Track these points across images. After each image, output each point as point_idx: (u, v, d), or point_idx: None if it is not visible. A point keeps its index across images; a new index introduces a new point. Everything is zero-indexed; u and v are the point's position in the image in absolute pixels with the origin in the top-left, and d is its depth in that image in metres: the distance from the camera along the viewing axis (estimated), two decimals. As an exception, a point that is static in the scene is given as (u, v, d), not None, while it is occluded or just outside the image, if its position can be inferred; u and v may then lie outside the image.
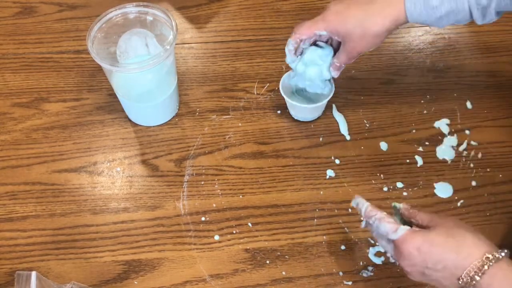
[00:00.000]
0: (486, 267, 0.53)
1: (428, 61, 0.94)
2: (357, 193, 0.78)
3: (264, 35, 0.97)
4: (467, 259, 0.54)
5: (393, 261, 0.72)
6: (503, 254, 0.54)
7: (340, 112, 0.87)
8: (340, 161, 0.82)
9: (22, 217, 0.77)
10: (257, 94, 0.90)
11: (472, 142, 0.84)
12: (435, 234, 0.56)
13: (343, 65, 0.76)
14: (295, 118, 0.86)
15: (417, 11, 0.67)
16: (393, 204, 0.64)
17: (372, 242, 0.74)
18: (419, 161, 0.82)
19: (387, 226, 0.59)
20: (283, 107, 0.83)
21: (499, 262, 0.53)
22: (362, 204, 0.64)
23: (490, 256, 0.53)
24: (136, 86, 0.82)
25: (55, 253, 0.74)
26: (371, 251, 0.74)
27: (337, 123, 0.86)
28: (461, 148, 0.83)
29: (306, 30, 0.73)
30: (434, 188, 0.79)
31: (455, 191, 0.79)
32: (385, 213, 0.61)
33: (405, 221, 0.63)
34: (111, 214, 0.77)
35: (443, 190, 0.79)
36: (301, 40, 0.74)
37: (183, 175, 0.81)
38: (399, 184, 0.80)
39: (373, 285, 0.71)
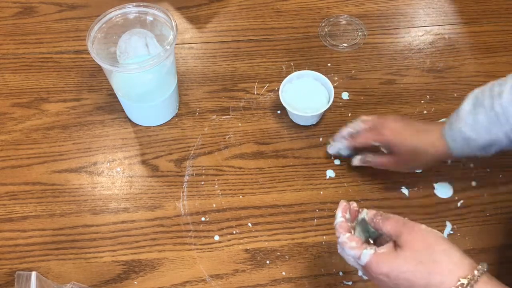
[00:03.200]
0: None
1: (428, 61, 0.94)
2: (357, 194, 0.79)
3: (264, 35, 0.97)
4: (440, 287, 0.50)
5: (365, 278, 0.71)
6: (478, 274, 0.50)
7: (340, 112, 0.87)
8: (340, 161, 0.82)
9: (22, 217, 0.77)
10: (257, 94, 0.90)
11: (472, 142, 0.84)
12: (403, 260, 0.52)
13: (372, 164, 0.77)
14: (295, 122, 0.86)
15: (458, 146, 0.68)
16: (360, 217, 0.59)
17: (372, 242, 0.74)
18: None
19: (350, 252, 0.55)
20: (283, 107, 0.83)
21: (478, 283, 0.49)
22: (336, 218, 0.59)
23: (465, 281, 0.49)
24: (136, 86, 0.82)
25: (55, 253, 0.74)
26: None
27: (337, 123, 0.86)
28: (461, 148, 0.83)
29: (361, 139, 0.75)
30: (434, 188, 0.79)
31: (455, 191, 0.79)
32: (348, 234, 0.56)
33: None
34: (111, 214, 0.77)
35: (443, 190, 0.79)
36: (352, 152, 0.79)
37: (183, 175, 0.81)
38: (399, 184, 0.80)
39: (373, 285, 0.71)
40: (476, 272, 0.50)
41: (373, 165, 0.77)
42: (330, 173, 0.81)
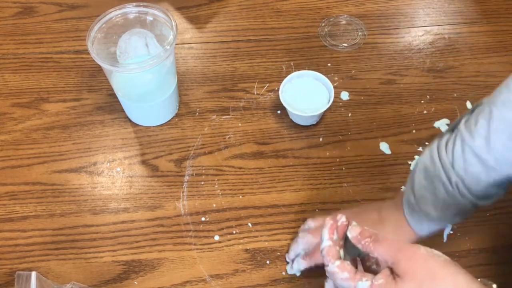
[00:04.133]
0: None
1: (428, 61, 0.94)
2: (357, 194, 0.79)
3: (264, 35, 0.97)
4: None
5: None
6: None
7: (340, 112, 0.87)
8: (340, 161, 0.82)
9: (22, 217, 0.77)
10: (257, 94, 0.90)
11: (472, 142, 0.84)
12: None
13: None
14: (295, 122, 0.86)
15: (423, 228, 0.63)
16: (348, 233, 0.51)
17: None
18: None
19: (343, 284, 0.48)
20: (283, 107, 0.83)
21: None
22: (322, 241, 0.50)
23: None
24: (136, 86, 0.82)
25: (55, 253, 0.74)
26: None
27: (337, 123, 0.86)
28: (461, 148, 0.83)
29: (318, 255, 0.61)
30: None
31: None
32: (338, 262, 0.48)
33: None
34: (111, 214, 0.77)
35: None
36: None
37: (183, 175, 0.81)
38: (399, 185, 0.80)
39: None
40: None
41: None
42: (330, 173, 0.81)
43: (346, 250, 0.51)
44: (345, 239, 0.51)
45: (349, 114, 0.87)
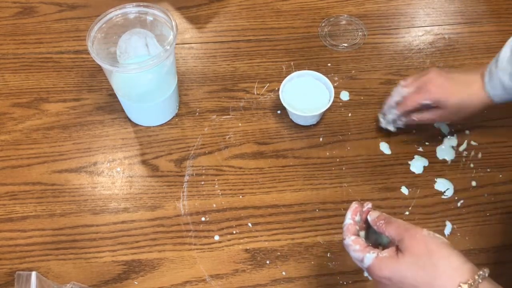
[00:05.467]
0: None
1: (428, 61, 0.94)
2: (357, 194, 0.79)
3: (264, 35, 0.97)
4: None
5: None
6: (479, 279, 0.49)
7: (340, 112, 0.87)
8: (340, 161, 0.82)
9: (22, 217, 0.77)
10: (257, 94, 0.90)
11: (472, 142, 0.84)
12: (404, 265, 0.52)
13: (418, 121, 0.79)
14: (295, 122, 0.86)
15: (498, 94, 0.72)
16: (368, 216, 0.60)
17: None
18: (419, 161, 0.82)
19: (354, 254, 0.56)
20: (283, 107, 0.83)
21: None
22: (345, 219, 0.59)
23: (465, 287, 0.49)
24: (136, 86, 0.82)
25: (55, 253, 0.74)
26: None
27: (337, 123, 0.86)
28: (461, 148, 0.83)
29: (411, 102, 0.77)
30: (434, 188, 0.79)
31: (455, 191, 0.79)
32: (353, 237, 0.57)
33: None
34: (111, 214, 0.77)
35: (443, 185, 0.80)
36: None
37: (183, 175, 0.81)
38: (399, 185, 0.80)
39: (373, 285, 0.71)
40: (476, 277, 0.50)
41: (419, 121, 0.78)
42: (330, 173, 0.81)
43: (368, 235, 0.60)
44: (369, 226, 0.59)
45: (349, 114, 0.87)
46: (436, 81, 0.75)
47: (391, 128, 0.82)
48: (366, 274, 0.64)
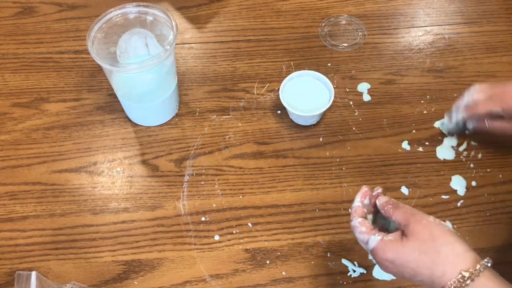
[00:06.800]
0: (464, 285, 0.50)
1: (428, 61, 0.94)
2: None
3: (264, 35, 0.97)
4: (442, 278, 0.51)
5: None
6: (481, 268, 0.50)
7: (340, 112, 0.87)
8: (340, 161, 0.82)
9: (22, 217, 0.77)
10: (257, 94, 0.90)
11: (472, 142, 0.84)
12: (408, 249, 0.53)
13: (489, 129, 0.77)
14: (295, 122, 0.86)
15: None
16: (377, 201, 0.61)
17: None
18: (420, 161, 0.82)
19: (359, 236, 0.58)
20: (283, 107, 0.83)
21: (479, 277, 0.50)
22: (354, 202, 0.61)
23: (466, 274, 0.50)
24: (136, 86, 0.82)
25: (55, 253, 0.74)
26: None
27: (337, 123, 0.86)
28: (461, 148, 0.83)
29: (483, 107, 0.75)
30: (434, 187, 0.80)
31: (455, 191, 0.79)
32: (360, 219, 0.59)
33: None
34: (111, 214, 0.77)
35: (458, 184, 0.80)
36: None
37: (183, 175, 0.81)
38: (399, 184, 0.80)
39: (373, 285, 0.71)
40: (478, 266, 0.50)
41: (490, 129, 0.76)
42: (330, 173, 0.81)
43: (375, 219, 0.61)
44: (378, 211, 0.61)
45: (350, 114, 0.87)
46: None
47: (454, 130, 0.82)
48: (370, 257, 0.65)
